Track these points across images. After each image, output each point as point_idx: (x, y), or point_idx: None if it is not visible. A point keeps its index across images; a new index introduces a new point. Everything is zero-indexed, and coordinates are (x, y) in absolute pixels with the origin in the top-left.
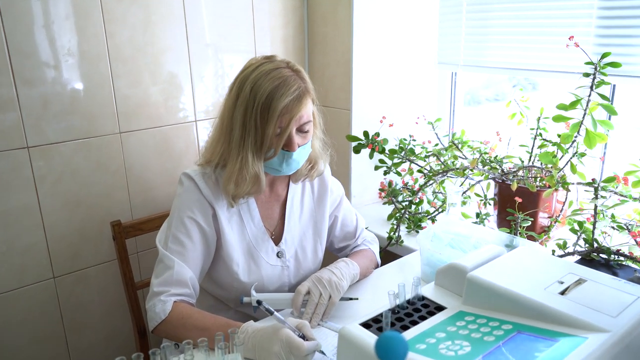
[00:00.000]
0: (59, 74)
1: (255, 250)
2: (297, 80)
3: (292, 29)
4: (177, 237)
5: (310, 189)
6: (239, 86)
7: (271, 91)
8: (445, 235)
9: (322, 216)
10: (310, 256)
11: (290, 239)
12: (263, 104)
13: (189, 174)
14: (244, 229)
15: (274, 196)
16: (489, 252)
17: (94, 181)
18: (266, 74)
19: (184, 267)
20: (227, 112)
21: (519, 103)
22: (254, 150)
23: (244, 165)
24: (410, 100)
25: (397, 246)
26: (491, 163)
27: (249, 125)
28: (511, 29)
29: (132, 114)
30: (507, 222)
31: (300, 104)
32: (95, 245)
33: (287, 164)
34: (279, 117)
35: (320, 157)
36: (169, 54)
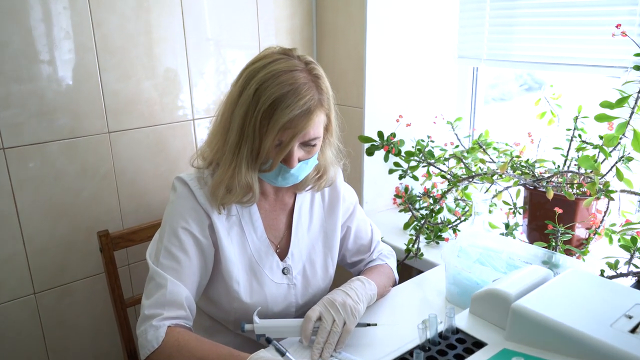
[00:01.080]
0: (39, 67)
1: (258, 266)
2: (311, 90)
3: (299, 19)
4: (169, 251)
5: (320, 197)
6: (244, 81)
7: (277, 99)
8: (472, 249)
9: (333, 227)
10: (320, 272)
11: (298, 253)
12: (265, 111)
13: (182, 179)
14: (245, 242)
15: (280, 204)
16: (534, 275)
17: (79, 186)
18: (276, 76)
19: (178, 286)
20: (229, 106)
21: (550, 101)
22: (248, 159)
23: (235, 174)
24: (428, 97)
25: (416, 259)
26: (522, 168)
27: (247, 131)
28: (543, 19)
29: (123, 111)
30: (537, 233)
31: (308, 121)
32: (81, 257)
33: (283, 178)
34: (280, 131)
35: (331, 166)
36: (164, 45)
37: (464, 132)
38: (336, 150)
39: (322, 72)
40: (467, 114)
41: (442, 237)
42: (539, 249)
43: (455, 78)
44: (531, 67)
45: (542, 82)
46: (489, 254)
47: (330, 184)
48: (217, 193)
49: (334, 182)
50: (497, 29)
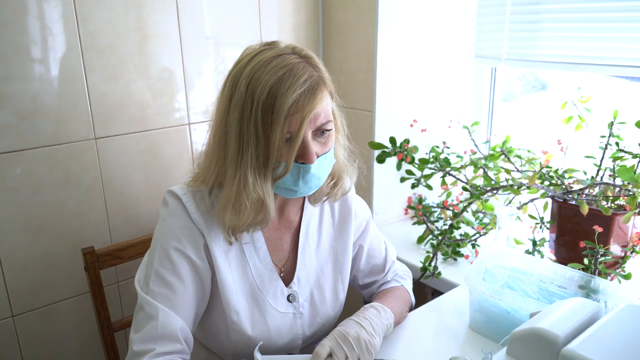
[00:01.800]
0: (17, 67)
1: (261, 293)
2: (307, 68)
3: (305, 15)
4: (161, 276)
5: (329, 212)
6: (232, 84)
7: (274, 84)
8: (499, 270)
9: (344, 247)
10: (329, 299)
11: (305, 277)
12: (264, 102)
13: (174, 192)
14: (247, 266)
15: (284, 222)
16: (582, 311)
17: (62, 198)
18: (266, 64)
19: (171, 316)
20: (220, 119)
21: (577, 104)
22: (255, 167)
23: (242, 189)
24: (442, 100)
25: (432, 278)
26: (551, 178)
27: (248, 133)
28: (572, 15)
29: (111, 115)
30: (566, 250)
31: (315, 98)
32: (64, 276)
33: (304, 182)
34: (288, 118)
35: (345, 170)
36: (157, 42)
37: (481, 137)
38: (347, 152)
39: (313, 54)
40: (484, 118)
41: (460, 253)
42: (574, 272)
43: (471, 79)
44: (558, 68)
45: (544, 82)
46: (517, 276)
47: (346, 192)
48: (224, 219)
49: (350, 189)
50: (519, 26)
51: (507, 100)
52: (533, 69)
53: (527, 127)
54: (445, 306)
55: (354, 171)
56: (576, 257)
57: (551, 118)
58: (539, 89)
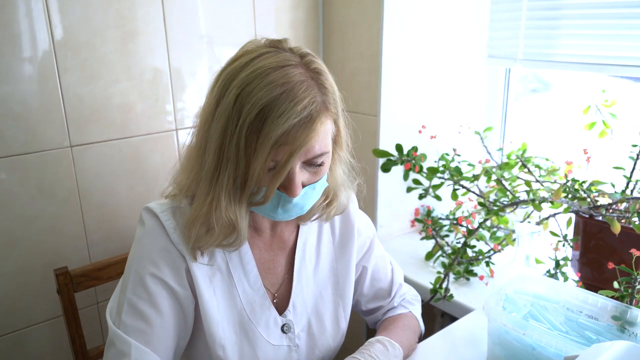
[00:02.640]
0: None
1: (251, 323)
2: (311, 90)
3: (304, 11)
4: (134, 306)
5: (329, 230)
6: (222, 86)
7: (266, 106)
8: (520, 297)
9: (346, 268)
10: (329, 328)
11: (301, 303)
12: (251, 124)
13: (151, 210)
14: (234, 292)
15: (278, 241)
16: (628, 358)
17: (34, 212)
18: (263, 75)
19: (146, 354)
20: (204, 121)
21: (601, 109)
22: (231, 190)
23: (213, 209)
24: (452, 103)
25: (444, 301)
26: (576, 192)
27: (228, 151)
28: (596, 11)
29: (88, 120)
30: (590, 269)
31: (311, 132)
32: (36, 298)
33: (284, 210)
34: (274, 149)
35: (342, 188)
36: (140, 40)
37: (494, 143)
38: (348, 168)
39: (324, 67)
40: (497, 123)
41: (474, 273)
42: (607, 300)
43: (483, 81)
44: (582, 69)
45: (547, 82)
46: (541, 303)
47: (341, 211)
48: (190, 233)
49: (346, 208)
50: (537, 23)
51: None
52: (550, 70)
53: (535, 128)
54: (459, 335)
55: (352, 189)
56: (602, 279)
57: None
58: (541, 89)
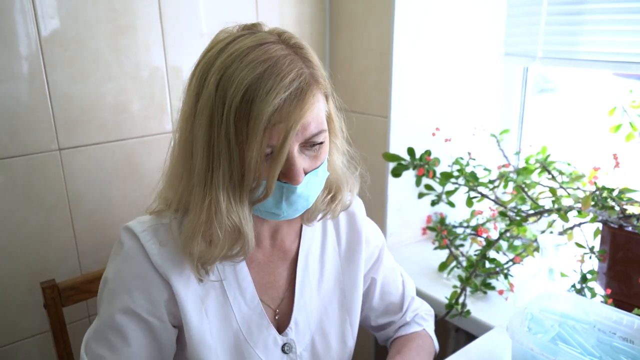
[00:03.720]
0: None
1: (247, 345)
2: (295, 63)
3: (309, 5)
4: (103, 334)
5: (334, 239)
6: (199, 79)
7: (251, 85)
8: (547, 317)
9: (353, 281)
10: (335, 346)
11: (304, 320)
12: (238, 108)
13: (131, 229)
14: (230, 312)
15: (278, 252)
16: None
17: (19, 221)
18: (242, 56)
19: None
20: (185, 123)
21: (628, 110)
22: (229, 188)
23: (213, 216)
24: (466, 104)
25: (460, 318)
26: (604, 200)
27: (219, 145)
28: (624, 5)
29: (78, 121)
30: (617, 283)
31: (304, 104)
32: (22, 312)
33: (288, 204)
34: (268, 130)
35: (344, 180)
36: (133, 35)
37: (511, 147)
38: (346, 158)
39: (306, 43)
40: (514, 125)
41: (491, 286)
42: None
43: (500, 80)
44: (607, 67)
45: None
46: (570, 324)
47: (346, 207)
48: (191, 251)
49: (351, 203)
50: (558, 18)
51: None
52: (573, 68)
53: (550, 133)
54: (478, 356)
55: (355, 181)
56: (632, 293)
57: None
58: (549, 90)
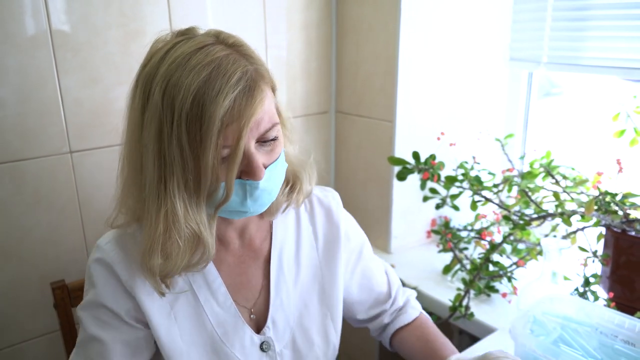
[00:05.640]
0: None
1: (224, 346)
2: (238, 61)
3: (316, 10)
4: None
5: (311, 235)
6: (143, 90)
7: (199, 89)
8: (549, 320)
9: (332, 275)
10: (317, 341)
11: (283, 318)
12: (189, 113)
13: (97, 243)
14: (202, 315)
15: (248, 251)
16: None
17: (30, 222)
18: (184, 62)
19: None
20: (131, 135)
21: (632, 115)
22: (184, 195)
23: (171, 225)
24: (471, 109)
25: (464, 319)
26: (608, 205)
27: (170, 154)
28: (629, 11)
29: (89, 125)
30: (621, 287)
31: (254, 100)
32: (32, 312)
33: (253, 200)
34: (222, 131)
35: (301, 169)
36: (143, 41)
37: (516, 151)
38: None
39: (244, 40)
40: (519, 130)
41: (495, 289)
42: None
43: (505, 85)
44: (611, 73)
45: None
46: (572, 327)
47: (308, 194)
48: (150, 265)
49: (310, 192)
50: (564, 24)
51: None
52: (576, 73)
53: (555, 138)
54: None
55: (311, 168)
56: (634, 297)
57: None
58: (554, 94)
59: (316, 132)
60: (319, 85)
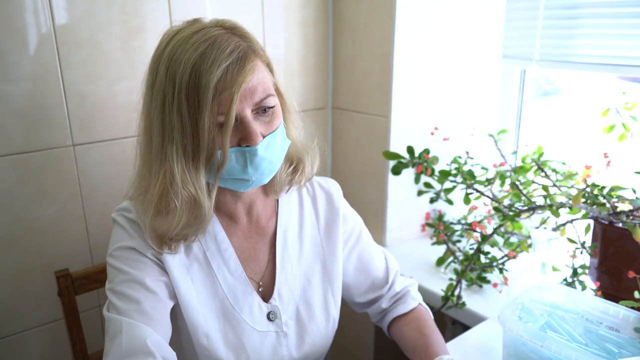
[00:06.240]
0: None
1: (234, 310)
2: (232, 38)
3: (313, 8)
4: (122, 292)
5: (312, 215)
6: (151, 71)
7: (196, 62)
8: (537, 307)
9: (333, 253)
10: (318, 315)
11: (288, 291)
12: (187, 84)
13: (120, 212)
14: (215, 281)
15: (256, 229)
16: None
17: (34, 213)
18: (185, 41)
19: (137, 327)
20: (144, 115)
21: (621, 111)
22: (183, 159)
23: (168, 186)
24: (465, 105)
25: (456, 309)
26: (595, 197)
27: (171, 121)
28: (618, 9)
29: (92, 118)
30: (608, 278)
31: (244, 69)
32: (36, 301)
33: (254, 168)
34: (216, 97)
35: (304, 152)
36: (144, 37)
37: (508, 147)
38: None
39: (242, 26)
40: (512, 126)
41: (487, 280)
42: (629, 311)
43: (498, 82)
44: (601, 70)
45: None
46: (559, 314)
47: (310, 177)
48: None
49: (312, 175)
50: (555, 22)
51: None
52: (568, 71)
53: (550, 135)
54: (472, 345)
55: (315, 153)
56: (622, 287)
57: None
58: (552, 93)
59: (314, 128)
60: (316, 82)
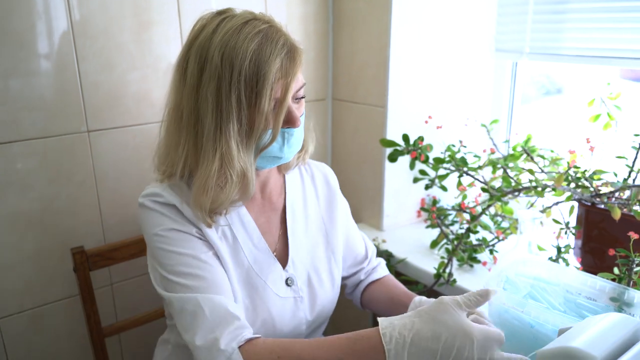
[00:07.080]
0: (2, 54)
1: (259, 278)
2: (278, 32)
3: (313, 4)
4: (183, 272)
5: (313, 193)
6: (198, 57)
7: (255, 51)
8: (521, 280)
9: (333, 225)
10: (326, 280)
11: (299, 259)
12: (247, 71)
13: (151, 193)
14: (240, 252)
15: (269, 204)
16: (620, 329)
17: (52, 195)
18: (236, 32)
19: (213, 298)
20: (187, 98)
21: (606, 101)
22: (238, 138)
23: (225, 162)
24: (459, 96)
25: (447, 285)
26: (578, 180)
27: (228, 105)
28: (604, 4)
29: (105, 107)
30: (592, 257)
31: (295, 63)
32: (53, 277)
33: (289, 146)
34: (274, 86)
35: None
36: (155, 30)
37: (500, 136)
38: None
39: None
40: (503, 117)
41: (477, 259)
42: (605, 282)
43: (491, 74)
44: (589, 62)
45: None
46: (541, 286)
47: (311, 154)
48: (201, 201)
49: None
50: (544, 17)
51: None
52: (557, 63)
53: (547, 130)
54: None
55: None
56: (604, 266)
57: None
58: (554, 92)
59: (314, 118)
60: (316, 74)
